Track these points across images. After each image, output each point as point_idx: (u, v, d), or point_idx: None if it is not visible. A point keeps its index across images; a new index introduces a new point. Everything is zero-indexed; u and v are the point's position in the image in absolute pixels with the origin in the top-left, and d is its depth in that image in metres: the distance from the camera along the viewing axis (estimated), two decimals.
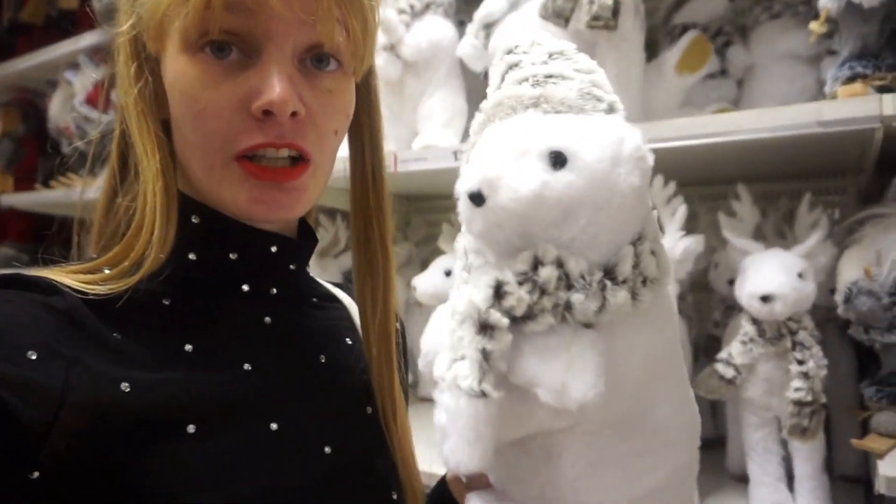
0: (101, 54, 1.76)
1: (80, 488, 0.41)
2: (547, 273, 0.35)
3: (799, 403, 0.80)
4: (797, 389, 0.80)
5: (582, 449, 0.39)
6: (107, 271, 0.47)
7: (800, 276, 0.83)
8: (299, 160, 0.48)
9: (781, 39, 1.14)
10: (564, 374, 0.35)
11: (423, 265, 1.59)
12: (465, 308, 0.36)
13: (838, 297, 0.84)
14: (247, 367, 0.49)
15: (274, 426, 0.49)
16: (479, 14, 1.08)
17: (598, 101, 0.40)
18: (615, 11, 0.86)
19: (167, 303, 0.49)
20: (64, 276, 0.46)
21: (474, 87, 1.28)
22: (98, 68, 1.71)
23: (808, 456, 0.88)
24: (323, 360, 0.55)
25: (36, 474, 0.40)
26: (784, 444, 0.92)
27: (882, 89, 0.81)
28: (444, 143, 1.11)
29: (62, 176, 1.83)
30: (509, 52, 0.44)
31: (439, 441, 0.37)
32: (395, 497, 0.55)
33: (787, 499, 0.89)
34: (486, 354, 0.35)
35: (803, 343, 0.82)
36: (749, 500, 0.91)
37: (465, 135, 1.20)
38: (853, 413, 0.93)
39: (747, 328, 0.88)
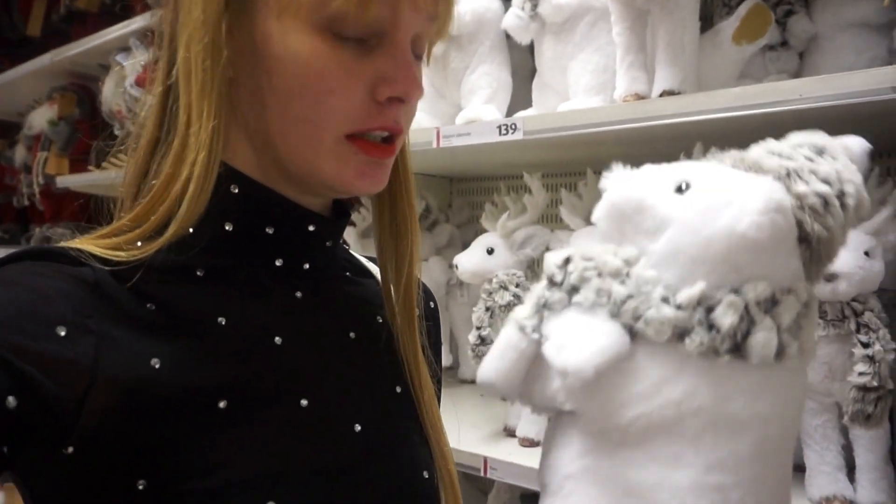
0: (151, 37, 1.79)
1: (114, 464, 0.41)
2: (607, 258, 0.39)
3: (863, 389, 0.75)
4: (861, 374, 0.76)
5: (579, 450, 0.39)
6: (127, 232, 0.45)
7: (867, 254, 0.78)
8: (389, 139, 0.49)
9: (849, 7, 1.07)
10: (572, 336, 0.37)
11: (465, 246, 1.58)
12: (546, 265, 0.41)
13: None
14: (277, 340, 0.49)
15: (304, 402, 0.48)
16: None
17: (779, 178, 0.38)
18: None
19: (200, 274, 0.48)
20: (89, 244, 0.45)
21: (519, 60, 1.25)
22: (148, 51, 1.74)
23: (870, 445, 0.83)
24: (353, 337, 0.54)
25: (70, 450, 0.40)
26: (844, 431, 0.87)
27: None
28: (488, 117, 1.08)
29: (114, 157, 1.88)
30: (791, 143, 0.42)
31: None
32: (426, 476, 0.54)
33: (846, 488, 0.84)
34: (540, 301, 0.39)
35: (869, 325, 0.77)
36: (806, 490, 0.87)
37: (510, 109, 1.19)
38: None
39: None
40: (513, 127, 1.01)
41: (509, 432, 1.16)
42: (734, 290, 0.35)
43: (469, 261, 1.10)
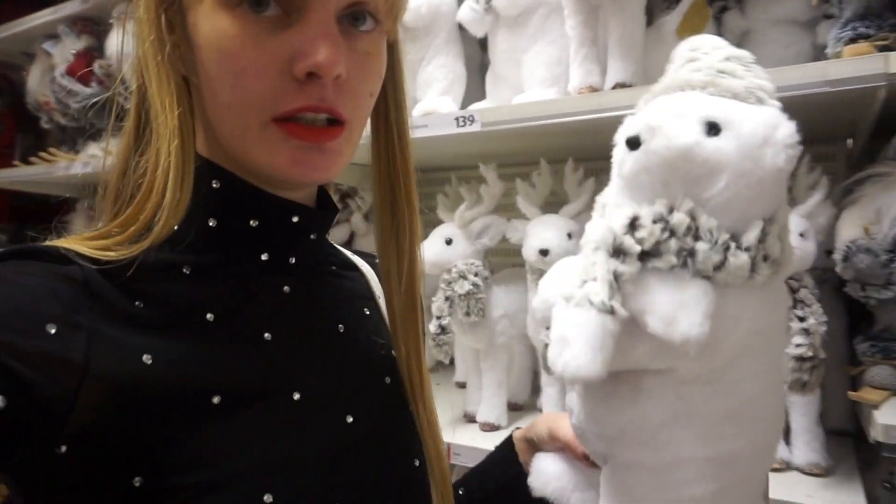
0: (81, 24, 1.70)
1: (109, 461, 0.41)
2: (679, 218, 0.39)
3: (800, 359, 0.82)
4: (798, 345, 0.82)
5: (671, 398, 0.42)
6: (116, 235, 0.45)
7: (801, 235, 0.85)
8: (335, 122, 0.46)
9: (777, 4, 1.14)
10: (676, 308, 0.37)
11: None
12: (602, 236, 0.40)
13: (837, 256, 0.86)
14: (267, 336, 0.49)
15: (297, 396, 0.48)
16: None
17: (760, 102, 0.41)
18: None
19: (187, 271, 0.48)
20: (76, 243, 0.44)
21: (468, 53, 1.27)
22: (80, 38, 1.66)
23: (804, 410, 0.91)
24: (341, 330, 0.55)
25: (63, 448, 0.40)
26: None
27: (884, 49, 0.82)
28: (445, 109, 1.10)
29: (43, 152, 1.78)
30: (692, 49, 0.46)
31: (555, 354, 0.39)
32: (417, 464, 0.55)
33: (783, 451, 0.92)
34: (616, 276, 0.38)
35: (804, 301, 0.84)
36: None
37: (465, 101, 1.21)
38: (848, 369, 0.96)
39: None
40: (470, 119, 1.03)
41: (469, 418, 1.19)
42: (768, 220, 0.39)
43: (429, 251, 1.12)
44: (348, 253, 0.64)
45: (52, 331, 0.39)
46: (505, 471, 0.68)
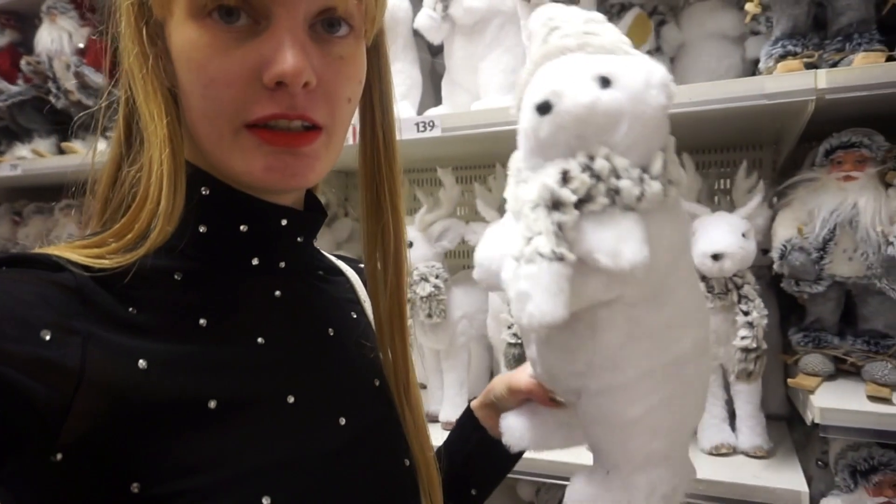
0: (5, 17, 1.60)
1: (105, 468, 0.40)
2: (601, 164, 0.43)
3: (745, 350, 0.89)
4: (744, 338, 0.89)
5: (623, 322, 0.47)
6: (112, 244, 0.45)
7: (744, 235, 0.92)
8: (312, 128, 0.46)
9: (710, 20, 1.22)
10: (618, 241, 0.42)
11: None
12: (538, 194, 0.44)
13: (774, 254, 0.94)
14: (260, 340, 0.49)
15: (291, 399, 0.49)
16: None
17: (626, 53, 0.47)
18: None
19: (178, 277, 0.48)
20: (68, 251, 0.44)
21: (422, 57, 1.29)
22: (3, 33, 1.56)
23: (748, 398, 0.98)
24: (331, 333, 0.55)
25: (59, 456, 0.39)
26: (726, 388, 1.02)
27: (810, 66, 0.91)
28: (405, 115, 1.11)
29: None
30: (550, 18, 0.50)
31: (518, 310, 0.43)
32: (407, 464, 0.56)
33: (730, 437, 0.99)
34: (560, 226, 0.42)
35: (747, 296, 0.91)
36: (698, 442, 1.00)
37: (421, 106, 1.23)
38: (784, 357, 1.04)
39: None
40: (431, 124, 1.05)
41: (432, 418, 1.21)
42: (664, 150, 0.45)
43: None
44: (333, 258, 0.64)
45: (47, 337, 0.39)
46: (469, 438, 0.70)
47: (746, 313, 0.90)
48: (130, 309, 0.44)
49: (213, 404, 0.44)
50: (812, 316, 1.00)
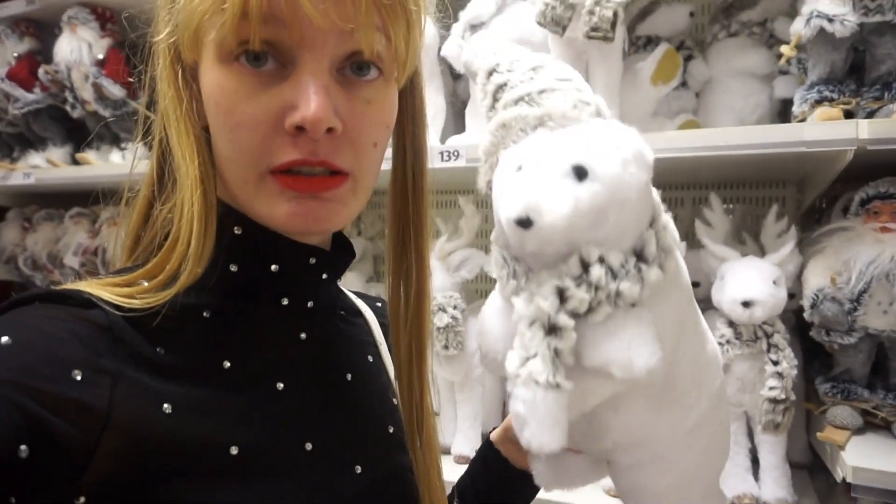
0: (24, 25, 1.60)
1: None
2: (597, 272, 0.41)
3: (774, 401, 0.86)
4: (772, 388, 0.87)
5: (643, 402, 0.46)
6: (144, 283, 0.45)
7: (775, 283, 0.90)
8: (337, 173, 0.46)
9: (738, 57, 1.21)
10: (628, 350, 0.40)
11: (377, 260, 1.58)
12: (534, 313, 0.41)
13: (805, 303, 0.92)
14: (280, 386, 0.49)
15: (308, 447, 0.49)
16: (467, 15, 1.07)
17: (588, 105, 0.44)
18: (614, 24, 0.89)
19: (207, 315, 0.48)
20: (100, 289, 0.44)
21: (448, 86, 1.28)
22: (22, 41, 1.55)
23: (773, 448, 0.96)
24: (349, 379, 0.55)
25: (82, 499, 0.39)
26: (750, 436, 0.99)
27: (847, 113, 0.89)
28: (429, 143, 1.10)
29: None
30: (492, 72, 0.47)
31: (518, 427, 0.42)
32: None
33: (753, 487, 0.96)
34: (556, 352, 0.40)
35: (777, 345, 0.89)
36: None
37: (445, 133, 1.21)
38: (811, 407, 1.02)
39: (724, 330, 0.94)
40: (455, 154, 1.03)
41: (444, 451, 1.18)
42: (653, 223, 0.43)
43: None
44: (353, 296, 0.64)
45: (78, 377, 0.39)
46: (492, 470, 0.70)
47: (776, 363, 0.88)
48: (158, 349, 0.44)
49: (234, 451, 0.44)
50: (841, 366, 0.97)
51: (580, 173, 0.40)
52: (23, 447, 0.36)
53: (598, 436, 0.49)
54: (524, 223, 0.41)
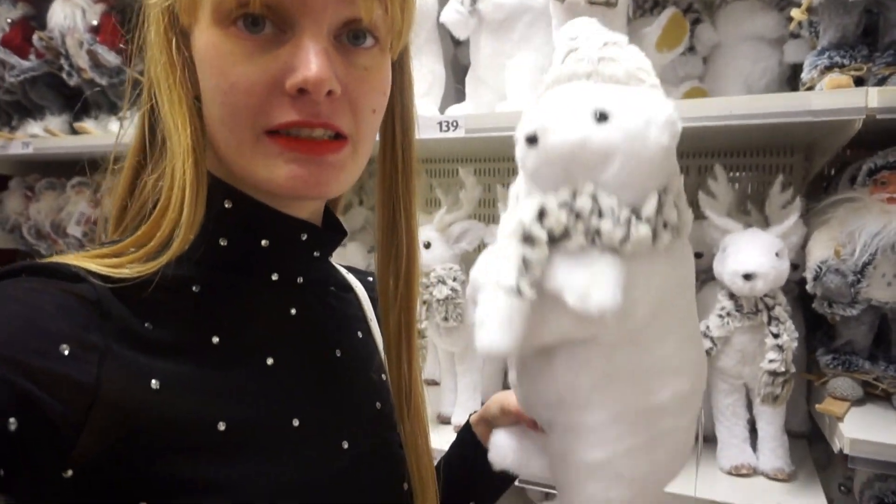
0: None
1: (114, 486, 0.40)
2: (582, 202, 0.42)
3: (773, 374, 0.86)
4: (772, 361, 0.86)
5: (599, 361, 0.45)
6: (133, 252, 0.45)
7: (777, 255, 0.88)
8: (336, 138, 0.46)
9: (748, 21, 1.17)
10: (588, 283, 0.41)
11: None
12: (513, 226, 0.43)
13: (808, 275, 0.91)
14: (269, 361, 0.49)
15: (296, 422, 0.49)
16: None
17: (641, 82, 0.45)
18: None
19: (196, 290, 0.47)
20: (87, 260, 0.44)
21: (448, 53, 1.25)
22: (15, 6, 1.52)
23: (771, 419, 0.96)
24: (338, 354, 0.55)
25: (70, 472, 0.39)
26: (749, 408, 0.99)
27: (858, 80, 0.86)
28: (427, 113, 1.08)
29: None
30: (572, 38, 0.48)
31: (476, 332, 0.42)
32: (406, 488, 0.56)
33: (751, 457, 0.97)
34: (525, 261, 0.41)
35: (778, 318, 0.88)
36: (718, 461, 0.98)
37: (445, 102, 1.19)
38: (810, 377, 1.02)
39: (724, 303, 0.93)
40: (454, 124, 1.01)
41: (443, 420, 1.20)
42: (663, 191, 0.43)
43: None
44: (344, 271, 0.64)
45: (66, 352, 0.39)
46: (467, 454, 0.70)
47: (776, 335, 0.87)
48: (147, 324, 0.44)
49: (222, 426, 0.44)
50: (843, 338, 0.97)
51: (602, 116, 0.42)
52: (11, 420, 0.36)
53: (546, 386, 0.48)
54: (531, 139, 0.43)
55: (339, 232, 0.56)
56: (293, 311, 0.52)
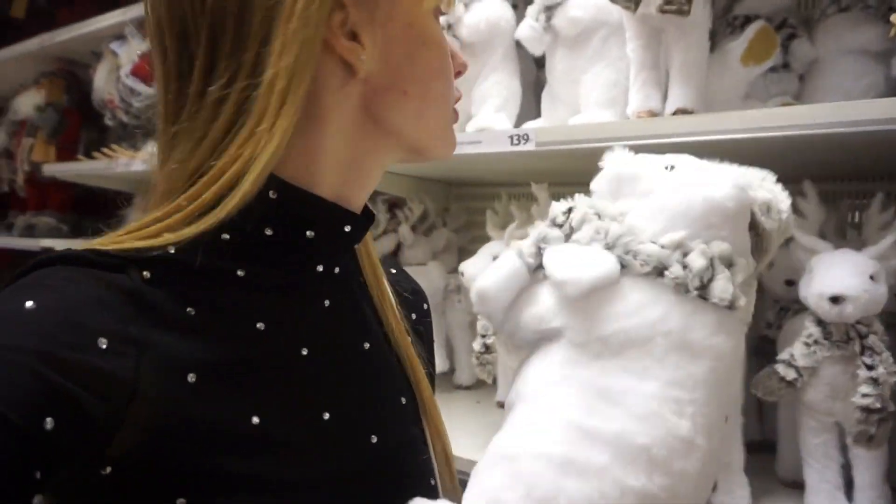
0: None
1: (152, 483, 0.40)
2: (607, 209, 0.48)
3: (867, 410, 0.77)
4: (865, 395, 0.77)
5: (561, 360, 0.45)
6: (186, 208, 0.43)
7: (872, 278, 0.80)
8: None
9: (850, 34, 1.09)
10: (572, 259, 0.44)
11: (462, 252, 1.58)
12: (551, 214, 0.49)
13: None
14: (304, 351, 0.49)
15: (326, 416, 0.48)
16: None
17: None
18: None
19: (241, 274, 0.47)
20: (125, 241, 0.43)
21: (525, 69, 1.25)
22: (145, 40, 1.70)
23: (869, 465, 0.85)
24: (366, 347, 0.55)
25: (108, 469, 0.39)
26: (844, 450, 0.89)
27: None
28: (500, 126, 1.09)
29: (105, 147, 1.84)
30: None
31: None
32: (432, 483, 0.56)
33: None
34: (543, 237, 0.47)
35: (873, 348, 0.79)
36: None
37: (519, 118, 1.19)
38: None
39: (812, 329, 0.85)
40: (525, 137, 1.01)
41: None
42: (705, 243, 0.44)
43: (476, 268, 1.10)
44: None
45: (104, 346, 0.38)
46: None
47: (870, 367, 0.78)
48: (189, 309, 0.44)
49: (256, 420, 0.44)
50: None
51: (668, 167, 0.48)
52: (48, 419, 0.35)
53: (520, 378, 0.48)
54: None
55: (369, 219, 0.55)
56: (327, 303, 0.52)
